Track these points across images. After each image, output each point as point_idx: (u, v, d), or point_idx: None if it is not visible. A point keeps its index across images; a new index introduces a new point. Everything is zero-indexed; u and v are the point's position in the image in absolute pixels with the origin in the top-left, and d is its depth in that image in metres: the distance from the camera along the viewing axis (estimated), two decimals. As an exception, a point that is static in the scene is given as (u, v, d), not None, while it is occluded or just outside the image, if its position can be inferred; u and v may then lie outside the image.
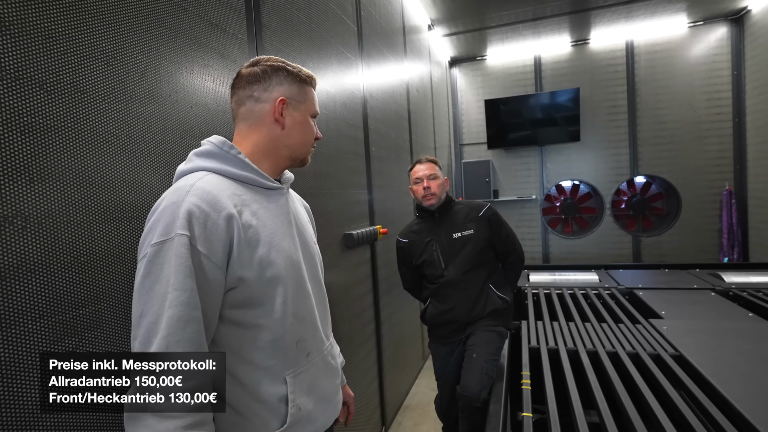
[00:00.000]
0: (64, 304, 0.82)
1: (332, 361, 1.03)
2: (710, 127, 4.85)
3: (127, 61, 0.98)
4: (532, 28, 4.78)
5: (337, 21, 2.19)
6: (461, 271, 1.99)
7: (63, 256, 0.82)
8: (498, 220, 2.08)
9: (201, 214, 0.76)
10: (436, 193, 2.02)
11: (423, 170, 2.05)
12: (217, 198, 0.79)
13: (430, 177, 2.03)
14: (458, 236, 2.02)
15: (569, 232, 5.48)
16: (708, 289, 3.05)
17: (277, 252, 0.86)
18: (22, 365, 0.74)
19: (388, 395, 2.73)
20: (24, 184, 0.76)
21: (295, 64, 0.96)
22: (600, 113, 5.19)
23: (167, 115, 1.09)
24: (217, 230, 0.78)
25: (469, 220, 2.05)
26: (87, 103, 0.88)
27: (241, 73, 0.94)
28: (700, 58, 4.84)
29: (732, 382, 1.63)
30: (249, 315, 0.83)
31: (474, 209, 2.07)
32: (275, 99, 0.92)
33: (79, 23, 0.87)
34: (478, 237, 2.01)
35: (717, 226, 4.88)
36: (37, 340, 0.77)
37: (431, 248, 2.04)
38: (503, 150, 5.61)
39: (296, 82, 0.95)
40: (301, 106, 0.95)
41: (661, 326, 2.30)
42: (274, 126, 0.93)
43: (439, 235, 2.05)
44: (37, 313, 0.77)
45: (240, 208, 0.83)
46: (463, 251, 2.00)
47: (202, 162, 0.87)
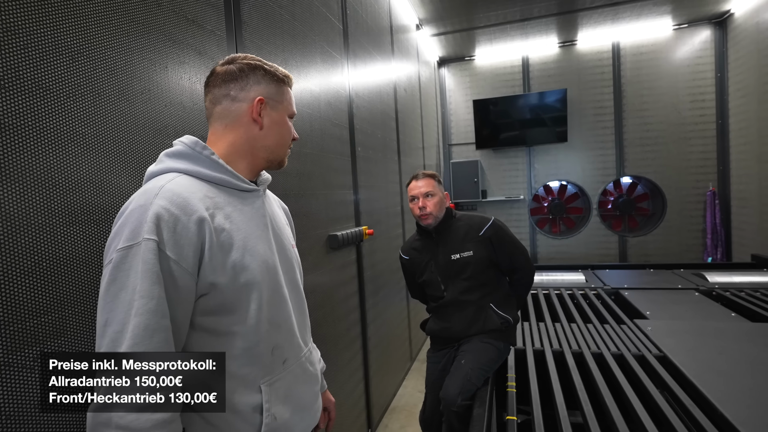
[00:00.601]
0: (24, 311, 0.78)
1: (311, 367, 1.00)
2: (694, 128, 4.92)
3: (95, 57, 0.94)
4: (520, 29, 4.79)
5: (321, 19, 2.16)
6: (459, 291, 1.90)
7: (23, 261, 0.78)
8: (500, 237, 1.92)
9: (170, 217, 0.73)
10: (433, 212, 1.90)
11: (419, 187, 1.91)
12: (187, 201, 0.76)
13: (427, 195, 1.90)
14: (456, 258, 1.90)
15: (557, 232, 5.51)
16: (692, 289, 3.09)
17: (252, 256, 0.83)
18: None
19: (374, 397, 2.71)
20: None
21: (271, 63, 0.93)
22: (587, 114, 5.23)
23: (139, 113, 1.05)
24: (187, 234, 0.74)
25: (469, 239, 1.92)
26: (50, 101, 0.84)
27: (216, 70, 0.90)
28: (684, 61, 4.91)
29: (714, 383, 1.64)
30: (222, 322, 0.80)
31: (474, 228, 1.93)
32: (253, 98, 0.89)
33: (41, 18, 0.83)
34: (477, 258, 1.89)
35: (701, 226, 4.95)
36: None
37: (430, 269, 1.96)
38: (491, 150, 5.63)
39: (273, 81, 0.92)
40: (279, 106, 0.93)
41: (646, 327, 2.32)
42: (252, 126, 0.89)
43: (437, 256, 1.94)
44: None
45: (212, 211, 0.80)
46: (462, 273, 1.90)
47: (172, 163, 0.83)
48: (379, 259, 2.96)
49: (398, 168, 3.52)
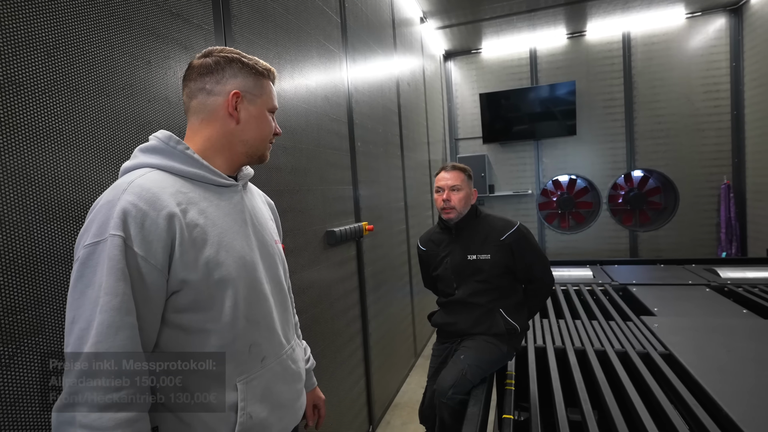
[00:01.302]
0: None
1: (293, 365, 0.98)
2: (708, 120, 4.78)
3: (71, 52, 0.93)
4: (528, 20, 4.70)
5: (317, 12, 2.13)
6: (470, 292, 1.86)
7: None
8: (522, 246, 1.83)
9: (138, 213, 0.72)
10: (457, 207, 1.84)
11: (446, 179, 1.86)
12: (157, 196, 0.75)
13: (453, 188, 1.85)
14: (473, 259, 1.84)
15: (566, 227, 5.42)
16: (703, 284, 3.00)
17: (227, 252, 0.82)
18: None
19: (376, 393, 2.70)
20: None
21: (251, 57, 0.91)
22: (596, 106, 5.12)
23: (119, 109, 1.04)
24: (156, 230, 0.73)
25: (489, 242, 1.84)
26: (22, 97, 0.83)
27: (192, 64, 0.89)
28: (698, 50, 4.76)
29: (720, 382, 1.58)
30: (195, 319, 0.79)
31: (497, 231, 1.85)
32: (228, 92, 0.87)
33: (12, 13, 0.82)
34: (493, 263, 1.82)
35: (715, 220, 4.82)
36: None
37: (445, 265, 1.91)
38: (499, 144, 5.55)
39: (252, 74, 0.90)
40: (258, 99, 0.90)
41: (653, 323, 2.26)
42: (228, 120, 0.88)
43: (454, 253, 1.89)
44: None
45: (185, 206, 0.78)
46: (476, 275, 1.85)
47: (146, 158, 0.82)
48: (381, 255, 2.94)
49: (401, 163, 3.49)
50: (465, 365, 1.77)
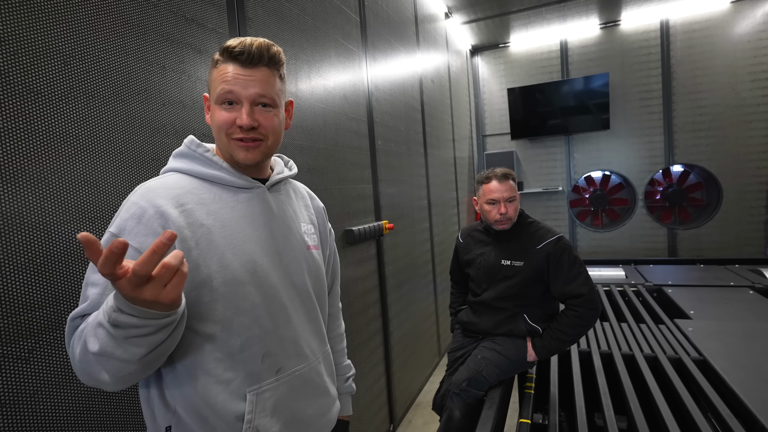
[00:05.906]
0: (19, 306, 0.82)
1: (317, 378, 0.92)
2: (755, 110, 4.47)
3: (87, 60, 0.97)
4: (558, 12, 4.54)
5: (335, 11, 2.13)
6: (496, 295, 1.82)
7: (17, 257, 0.82)
8: (559, 259, 1.70)
9: (138, 210, 0.74)
10: (513, 218, 1.78)
11: (501, 191, 1.76)
12: (157, 195, 0.77)
13: (509, 200, 1.76)
14: (507, 264, 1.78)
15: (599, 224, 5.22)
16: (746, 286, 2.82)
17: (234, 255, 0.80)
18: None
19: (397, 392, 2.69)
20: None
21: (228, 44, 0.83)
22: (631, 99, 4.89)
23: (135, 113, 1.08)
24: (152, 225, 0.74)
25: (525, 250, 1.77)
26: (41, 104, 0.87)
27: None
28: (744, 36, 4.46)
29: (757, 391, 1.48)
30: (200, 322, 0.78)
31: (535, 238, 1.77)
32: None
33: (32, 23, 0.87)
34: (527, 272, 1.75)
35: (763, 218, 4.51)
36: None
37: (478, 264, 1.88)
38: (527, 140, 5.40)
39: (211, 67, 0.85)
40: (213, 94, 0.83)
41: (687, 327, 2.14)
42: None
43: (489, 255, 1.85)
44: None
45: (192, 206, 0.79)
46: (506, 280, 1.79)
47: (173, 163, 0.85)
48: (403, 253, 2.93)
49: (425, 161, 3.46)
50: (484, 364, 1.76)
